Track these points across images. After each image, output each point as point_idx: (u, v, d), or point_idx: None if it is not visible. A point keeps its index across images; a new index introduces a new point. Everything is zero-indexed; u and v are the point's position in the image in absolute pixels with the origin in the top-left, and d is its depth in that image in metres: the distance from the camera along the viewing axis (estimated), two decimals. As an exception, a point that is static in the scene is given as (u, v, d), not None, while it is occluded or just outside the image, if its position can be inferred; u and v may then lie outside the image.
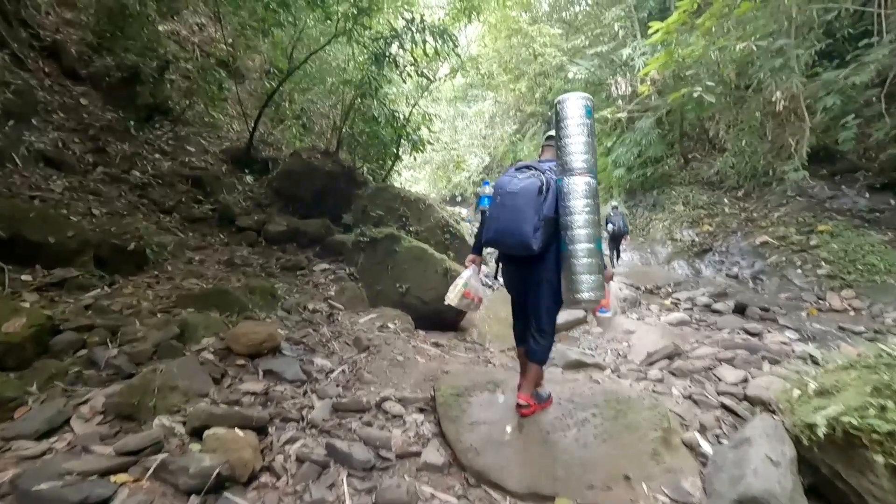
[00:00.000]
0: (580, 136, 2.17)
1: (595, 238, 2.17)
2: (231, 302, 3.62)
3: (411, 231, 6.41)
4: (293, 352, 3.20)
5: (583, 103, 2.20)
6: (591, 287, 2.13)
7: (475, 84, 15.25)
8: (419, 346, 3.66)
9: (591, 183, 2.17)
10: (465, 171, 22.65)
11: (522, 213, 2.14)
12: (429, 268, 4.78)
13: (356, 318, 4.24)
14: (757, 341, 4.30)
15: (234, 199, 7.98)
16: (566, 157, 2.18)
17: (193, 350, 2.94)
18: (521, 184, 2.21)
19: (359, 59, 9.52)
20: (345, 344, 3.56)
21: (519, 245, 2.19)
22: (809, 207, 8.54)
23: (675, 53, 7.14)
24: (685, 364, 3.24)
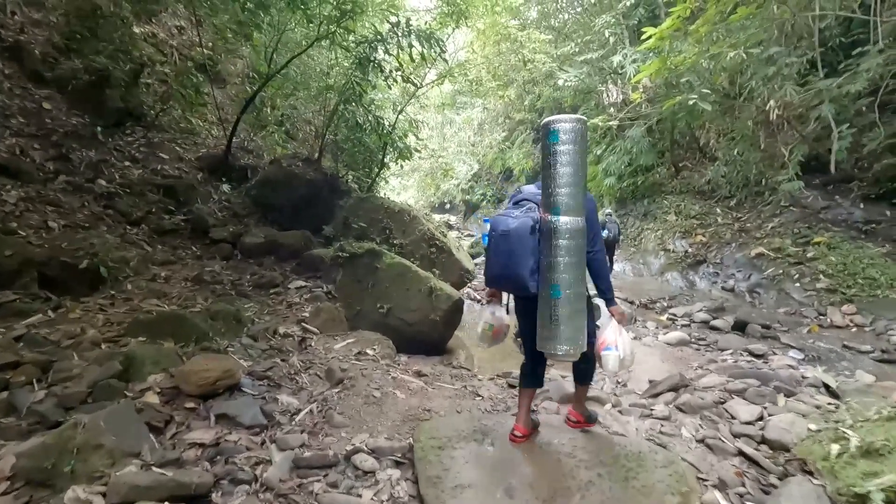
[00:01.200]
0: (572, 168, 1.92)
1: (579, 282, 1.98)
2: (188, 329, 3.23)
3: (395, 244, 6.06)
4: (255, 389, 2.82)
5: (579, 128, 1.94)
6: (572, 338, 1.94)
7: (463, 91, 15.02)
8: (399, 377, 3.30)
9: (581, 223, 1.96)
10: (454, 179, 22.39)
11: (516, 257, 2.01)
12: (412, 286, 4.42)
13: (332, 344, 3.87)
14: (765, 368, 4.01)
15: (209, 210, 7.56)
16: (554, 191, 1.95)
17: (137, 390, 2.55)
18: (513, 224, 2.05)
19: (343, 64, 9.21)
20: (316, 377, 3.18)
21: (518, 288, 2.10)
22: (804, 218, 8.36)
23: (668, 60, 6.92)
24: (693, 399, 2.92)
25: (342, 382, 3.08)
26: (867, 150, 8.10)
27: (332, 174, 9.01)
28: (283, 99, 10.82)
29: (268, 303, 4.73)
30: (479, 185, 22.46)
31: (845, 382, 3.55)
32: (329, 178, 8.96)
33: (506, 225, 2.07)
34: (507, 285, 2.20)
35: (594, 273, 2.18)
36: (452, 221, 23.40)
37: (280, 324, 4.13)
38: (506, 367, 4.56)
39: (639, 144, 11.60)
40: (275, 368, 3.15)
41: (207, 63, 10.73)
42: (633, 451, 2.03)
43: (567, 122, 1.93)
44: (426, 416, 2.79)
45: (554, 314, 1.93)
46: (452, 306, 4.39)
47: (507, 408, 3.10)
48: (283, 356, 3.43)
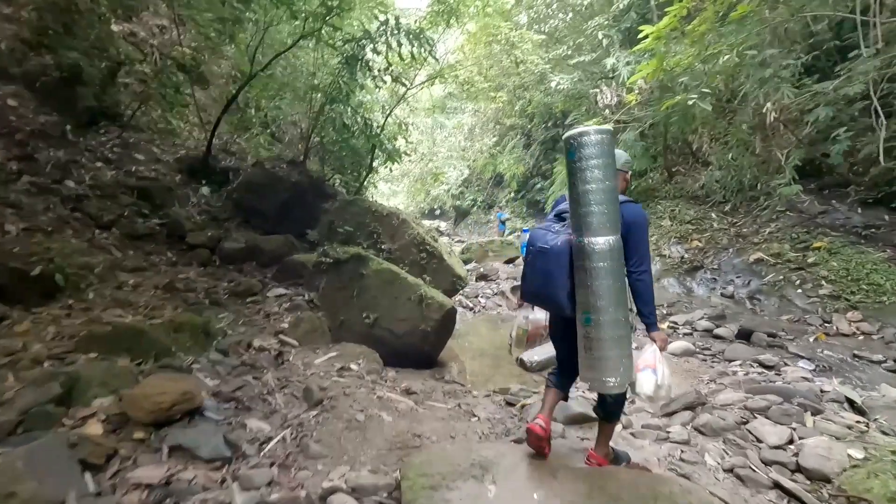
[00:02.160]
0: (596, 185, 1.74)
1: (620, 307, 1.81)
2: (148, 344, 2.87)
3: (383, 249, 5.72)
4: (220, 413, 2.46)
5: (602, 139, 1.77)
6: (614, 369, 1.80)
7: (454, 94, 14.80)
8: (386, 396, 2.96)
9: (613, 242, 1.78)
10: (444, 184, 22.13)
11: (553, 278, 1.88)
12: (401, 294, 4.09)
13: (312, 358, 3.51)
14: (779, 380, 3.74)
15: (187, 213, 7.17)
16: (579, 210, 1.78)
17: (77, 418, 2.18)
18: (552, 241, 1.92)
19: (330, 64, 8.91)
20: (292, 396, 2.83)
21: (553, 309, 2.02)
22: (801, 223, 8.19)
23: (664, 61, 6.73)
24: (713, 419, 2.63)
25: (321, 403, 2.73)
26: (863, 155, 7.99)
27: (318, 177, 8.66)
28: (268, 100, 10.47)
29: (244, 312, 4.36)
30: (470, 190, 22.23)
31: (870, 398, 3.29)
32: (315, 181, 8.62)
33: (544, 241, 1.94)
34: (543, 305, 2.09)
35: (637, 295, 1.97)
36: (443, 227, 23.12)
37: (255, 336, 3.76)
38: (502, 380, 4.24)
39: (632, 149, 11.41)
40: (245, 388, 2.80)
41: (190, 63, 10.36)
42: (663, 492, 1.71)
43: (590, 133, 1.75)
44: (416, 442, 2.46)
45: (588, 342, 1.79)
46: (445, 315, 4.06)
47: (506, 430, 2.78)
48: (256, 373, 3.07)
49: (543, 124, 17.22)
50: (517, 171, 17.75)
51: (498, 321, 6.61)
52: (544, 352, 4.52)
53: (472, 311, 6.92)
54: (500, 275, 9.00)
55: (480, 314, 6.93)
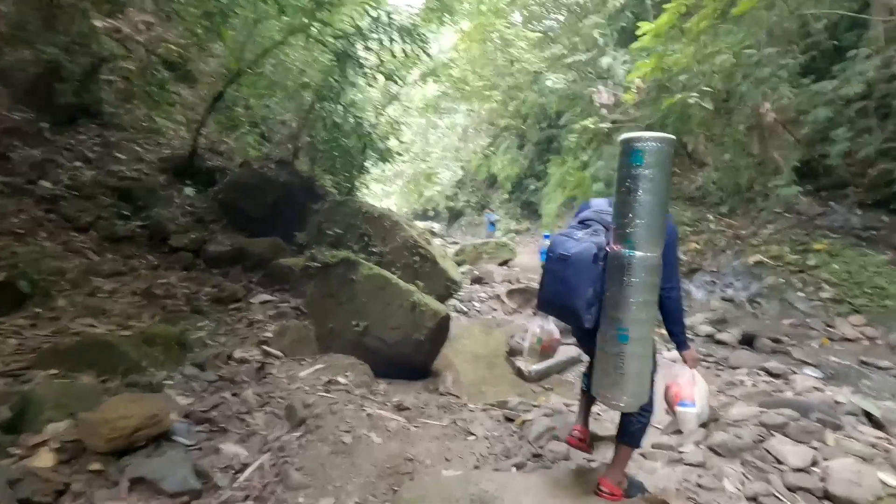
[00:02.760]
0: (658, 196, 1.64)
1: (652, 326, 1.75)
2: (116, 358, 2.63)
3: (374, 252, 5.50)
4: (191, 437, 2.23)
5: (668, 149, 1.66)
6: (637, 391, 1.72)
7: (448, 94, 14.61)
8: (376, 413, 2.74)
9: (658, 258, 1.68)
10: (438, 186, 21.93)
11: (572, 286, 1.78)
12: (393, 301, 3.87)
13: (297, 371, 3.28)
14: (788, 390, 3.58)
15: (171, 215, 6.91)
16: (632, 221, 1.64)
17: (28, 446, 1.94)
18: (574, 248, 1.80)
19: (320, 61, 8.68)
20: (273, 415, 2.61)
21: (570, 320, 1.89)
22: (799, 224, 8.08)
23: (663, 59, 6.58)
24: (729, 438, 2.44)
25: (305, 423, 2.51)
26: (862, 155, 7.90)
27: (308, 177, 8.42)
28: (257, 99, 10.21)
29: (225, 320, 4.12)
30: (464, 191, 22.05)
31: (887, 409, 3.12)
32: (304, 181, 8.38)
33: (565, 248, 1.82)
34: (560, 315, 1.98)
35: (667, 312, 1.88)
36: (436, 229, 22.89)
37: (237, 346, 3.53)
38: (499, 391, 4.03)
39: (627, 149, 11.29)
40: (222, 406, 2.57)
41: (177, 60, 10.08)
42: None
43: (654, 140, 1.62)
44: (408, 467, 2.24)
45: (620, 362, 1.67)
46: (439, 323, 3.85)
47: (505, 451, 2.57)
48: (235, 389, 2.84)
49: (537, 125, 17.07)
50: (511, 172, 17.58)
51: (493, 326, 6.39)
52: (542, 361, 4.32)
53: (467, 316, 6.70)
54: (495, 277, 8.79)
55: (475, 318, 6.72)
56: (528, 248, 16.66)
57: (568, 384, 4.07)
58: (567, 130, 13.66)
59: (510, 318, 6.82)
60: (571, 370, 4.31)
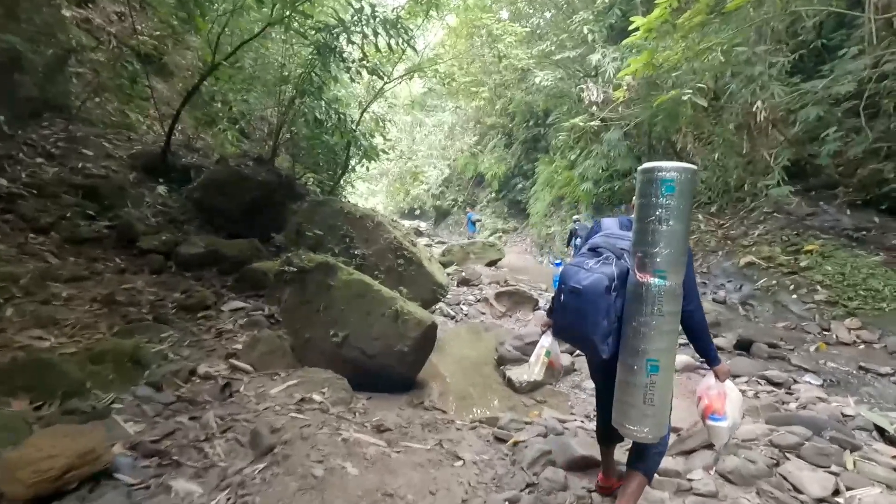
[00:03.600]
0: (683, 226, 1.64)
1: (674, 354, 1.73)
2: (55, 380, 2.31)
3: (356, 255, 5.20)
4: (136, 473, 1.93)
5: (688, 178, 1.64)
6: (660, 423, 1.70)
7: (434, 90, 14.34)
8: (354, 437, 2.46)
9: (681, 286, 1.67)
10: (424, 184, 21.64)
11: (587, 318, 1.75)
12: (374, 309, 3.59)
13: (268, 388, 2.98)
14: (796, 404, 3.39)
15: (141, 215, 6.51)
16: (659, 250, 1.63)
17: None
18: (585, 279, 1.78)
19: (301, 55, 8.34)
20: (236, 443, 2.31)
21: (588, 351, 1.90)
22: (790, 225, 8.01)
23: (655, 55, 6.40)
24: (741, 463, 2.22)
25: (272, 451, 2.22)
26: (852, 155, 7.86)
27: (288, 175, 8.07)
28: (235, 94, 9.81)
29: (192, 330, 3.78)
30: (451, 190, 21.81)
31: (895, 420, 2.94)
32: (284, 179, 8.02)
33: (577, 280, 1.80)
34: (576, 344, 2.01)
35: (693, 332, 1.86)
36: (423, 228, 22.60)
37: (202, 360, 3.22)
38: (488, 404, 3.78)
39: (616, 148, 11.15)
40: (177, 434, 2.27)
41: (152, 53, 9.64)
42: None
43: (684, 171, 1.62)
44: None
45: (650, 393, 1.64)
46: (424, 333, 3.58)
47: (496, 479, 2.32)
48: (196, 412, 2.54)
49: (525, 123, 16.91)
50: (498, 170, 17.39)
51: (482, 330, 6.16)
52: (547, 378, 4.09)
53: (454, 320, 6.45)
54: (483, 279, 8.56)
55: (463, 322, 6.47)
56: (516, 247, 16.50)
57: (561, 395, 3.84)
58: (555, 129, 13.52)
59: (499, 321, 6.59)
60: (564, 380, 4.08)
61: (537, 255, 14.72)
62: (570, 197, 13.57)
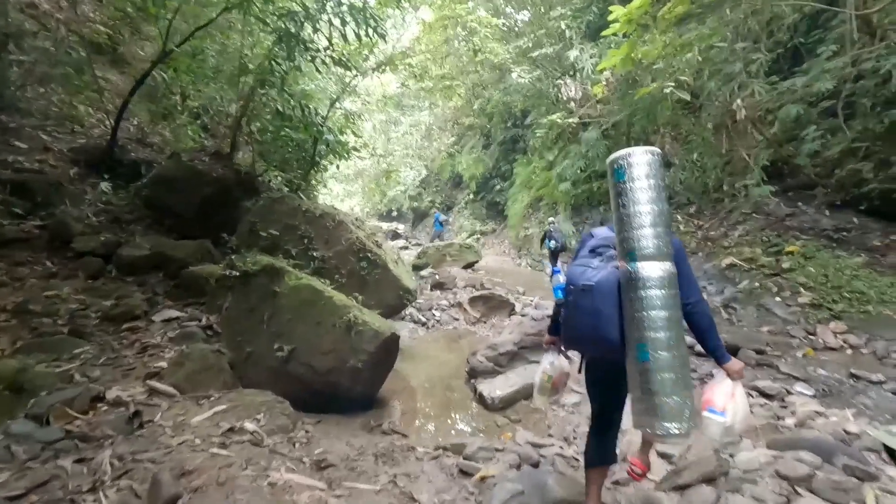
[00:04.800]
0: (649, 206, 1.63)
1: (679, 342, 1.58)
2: None
3: (316, 257, 4.73)
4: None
5: (651, 159, 1.67)
6: (678, 414, 1.53)
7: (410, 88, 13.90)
8: (284, 480, 2.00)
9: (669, 269, 1.62)
10: (401, 185, 21.15)
11: (602, 315, 1.68)
12: (325, 319, 3.14)
13: (191, 415, 2.50)
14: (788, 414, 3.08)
15: (80, 213, 5.90)
16: (630, 234, 1.64)
17: None
18: (595, 276, 1.75)
19: (263, 43, 7.81)
20: (130, 494, 1.83)
21: (605, 351, 1.77)
22: (769, 226, 7.86)
23: (635, 48, 6.11)
24: (747, 503, 1.86)
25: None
26: (830, 155, 7.76)
27: (248, 172, 7.51)
28: (194, 85, 9.19)
29: (112, 345, 3.26)
30: (428, 191, 21.39)
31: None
32: (244, 176, 7.46)
33: (587, 278, 1.77)
34: (592, 348, 1.90)
35: (697, 328, 1.74)
36: (401, 230, 22.11)
37: (115, 382, 2.71)
38: (456, 424, 3.36)
39: (594, 148, 10.92)
40: (52, 484, 1.77)
41: (105, 42, 8.96)
42: None
43: (636, 154, 1.68)
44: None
45: (646, 382, 1.57)
46: (382, 346, 3.15)
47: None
48: (88, 451, 2.04)
49: (503, 124, 16.63)
50: (476, 171, 17.05)
51: (454, 337, 5.75)
52: (507, 385, 3.70)
53: (425, 327, 6.02)
54: (458, 283, 8.15)
55: (435, 329, 6.05)
56: (494, 249, 16.16)
57: (538, 412, 3.45)
58: (533, 129, 13.28)
59: (473, 327, 6.19)
60: (541, 395, 3.69)
61: (515, 256, 14.40)
62: (548, 198, 13.32)
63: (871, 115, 6.99)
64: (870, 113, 7.03)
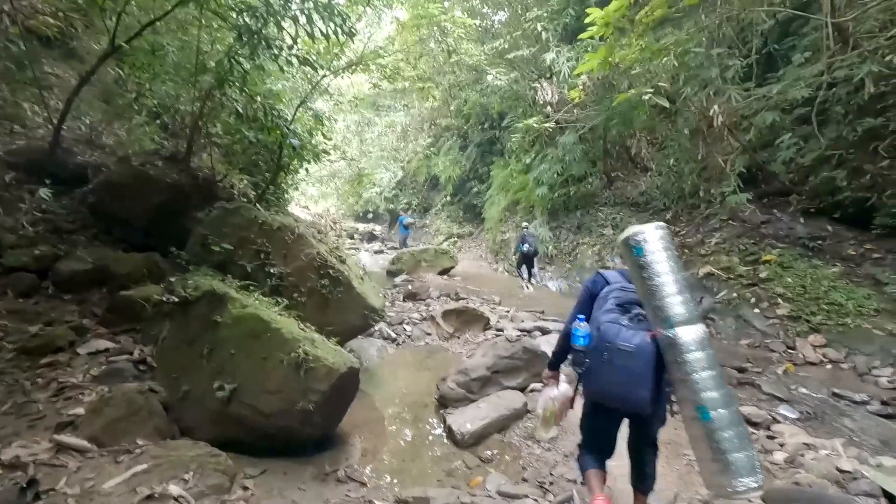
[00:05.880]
0: (672, 276, 1.75)
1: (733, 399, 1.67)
2: None
3: (273, 274, 4.34)
4: None
5: (663, 234, 1.83)
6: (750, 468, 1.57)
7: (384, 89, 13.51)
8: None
9: (703, 330, 1.71)
10: (377, 187, 20.70)
11: (638, 377, 1.77)
12: (272, 354, 2.78)
13: (103, 478, 2.11)
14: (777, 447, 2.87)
15: (13, 223, 5.37)
16: (662, 303, 1.74)
17: None
18: (635, 339, 1.81)
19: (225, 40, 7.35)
20: None
21: (632, 407, 1.87)
22: (745, 233, 7.81)
23: (612, 51, 5.92)
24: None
25: None
26: (804, 162, 7.75)
27: (207, 177, 7.03)
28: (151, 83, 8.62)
29: (24, 386, 2.82)
30: (405, 193, 20.99)
31: None
32: (202, 182, 6.97)
33: (626, 339, 1.82)
34: (621, 405, 1.93)
35: None
36: (377, 231, 21.64)
37: (14, 437, 2.30)
38: (422, 465, 3.04)
39: (571, 152, 10.76)
40: None
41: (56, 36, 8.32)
42: None
43: (649, 231, 1.82)
44: None
45: (715, 443, 1.59)
46: (337, 384, 2.80)
47: None
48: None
49: (480, 125, 16.39)
50: (453, 173, 16.76)
51: (426, 355, 5.43)
52: (479, 417, 3.40)
53: (395, 343, 5.69)
54: (432, 292, 7.84)
55: (406, 346, 5.72)
56: (471, 253, 15.89)
57: (511, 450, 3.16)
58: (510, 131, 13.07)
59: (446, 343, 5.88)
60: (514, 427, 3.41)
61: (492, 261, 14.18)
62: (525, 202, 13.12)
63: (843, 123, 6.98)
64: (843, 121, 7.03)
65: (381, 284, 8.99)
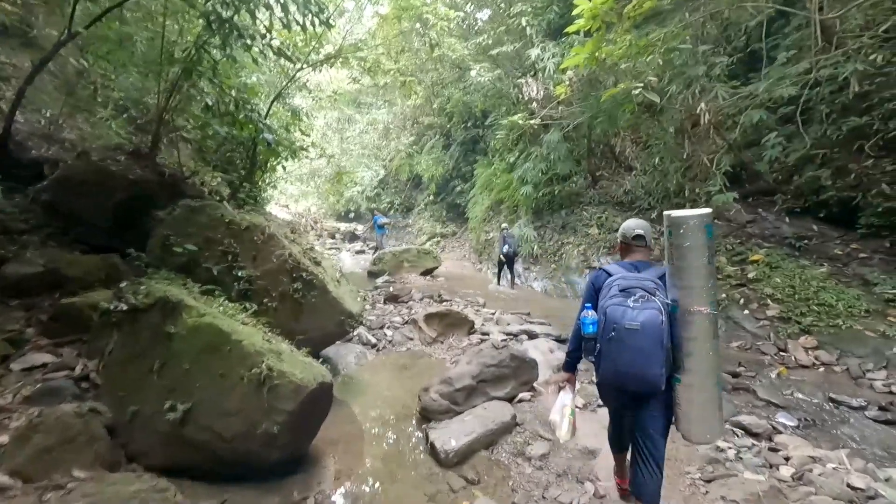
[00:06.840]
0: (701, 261, 1.90)
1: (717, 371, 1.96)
2: None
3: (241, 277, 4.01)
4: None
5: (704, 223, 1.90)
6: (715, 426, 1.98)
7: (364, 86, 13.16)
8: None
9: (714, 316, 1.91)
10: (358, 185, 20.29)
11: (649, 354, 1.88)
12: (231, 370, 2.47)
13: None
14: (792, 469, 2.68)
15: (-44, 223, 4.92)
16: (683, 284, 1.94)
17: None
18: (640, 317, 1.91)
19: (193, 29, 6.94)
20: None
21: (646, 386, 1.95)
22: (732, 232, 7.74)
23: (599, 45, 5.73)
24: None
25: None
26: (789, 161, 7.71)
27: (174, 173, 6.61)
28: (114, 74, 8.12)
29: (-58, 410, 2.46)
30: (387, 192, 20.63)
31: None
32: (168, 179, 6.55)
33: (632, 318, 1.92)
34: (635, 384, 1.98)
35: None
36: (359, 231, 21.22)
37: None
38: (401, 491, 2.76)
39: (555, 150, 10.58)
40: None
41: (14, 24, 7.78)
42: None
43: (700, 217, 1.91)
44: None
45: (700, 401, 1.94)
46: (307, 401, 2.50)
47: None
48: None
49: (463, 124, 16.15)
50: (436, 172, 16.49)
51: (408, 363, 5.15)
52: (464, 432, 3.14)
53: (376, 349, 5.39)
54: (414, 294, 7.55)
55: (386, 351, 5.43)
56: (455, 253, 15.63)
57: (499, 468, 2.90)
58: (494, 130, 12.86)
59: (429, 348, 5.61)
60: (503, 442, 3.15)
61: (476, 261, 13.94)
62: (509, 201, 12.92)
63: (828, 122, 6.94)
64: (827, 120, 6.99)
65: (362, 286, 8.67)
